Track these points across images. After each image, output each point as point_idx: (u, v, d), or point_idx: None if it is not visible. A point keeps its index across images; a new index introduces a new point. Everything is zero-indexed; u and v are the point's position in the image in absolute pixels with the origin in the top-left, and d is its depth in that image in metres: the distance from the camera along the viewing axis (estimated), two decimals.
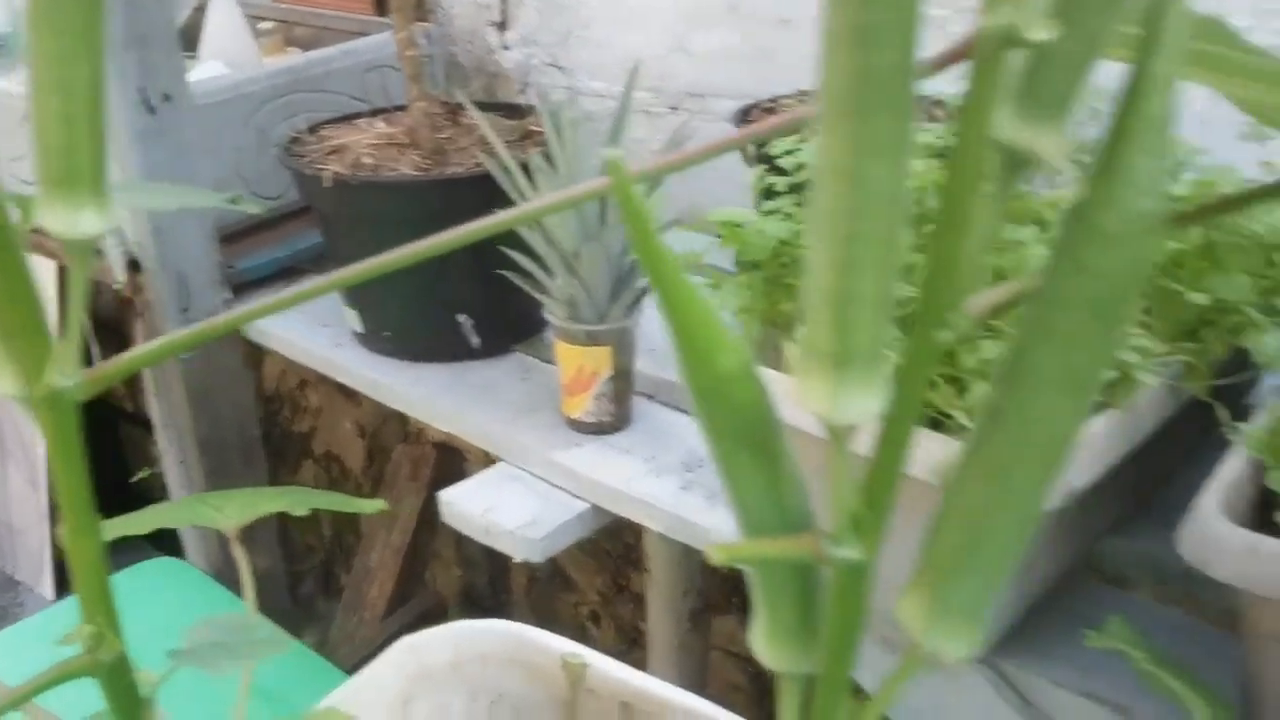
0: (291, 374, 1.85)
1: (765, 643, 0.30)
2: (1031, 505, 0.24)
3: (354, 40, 1.40)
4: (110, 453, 2.01)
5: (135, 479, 1.76)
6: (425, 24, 1.51)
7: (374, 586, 1.58)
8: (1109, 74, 0.23)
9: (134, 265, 1.16)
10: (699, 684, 1.04)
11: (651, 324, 0.86)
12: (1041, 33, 0.19)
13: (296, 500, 0.50)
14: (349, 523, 1.83)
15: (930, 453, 0.43)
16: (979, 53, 0.21)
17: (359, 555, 1.58)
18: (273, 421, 1.95)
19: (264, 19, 1.62)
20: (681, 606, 0.94)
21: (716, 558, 0.24)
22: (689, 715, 0.59)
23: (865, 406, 0.23)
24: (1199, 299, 0.53)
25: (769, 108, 1.05)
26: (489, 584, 1.73)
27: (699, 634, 0.98)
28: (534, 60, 1.50)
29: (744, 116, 1.02)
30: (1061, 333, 0.23)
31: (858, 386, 0.23)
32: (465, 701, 0.64)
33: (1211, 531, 0.44)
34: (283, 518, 1.91)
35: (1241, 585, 0.44)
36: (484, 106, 1.14)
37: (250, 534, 1.42)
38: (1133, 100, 0.22)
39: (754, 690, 1.43)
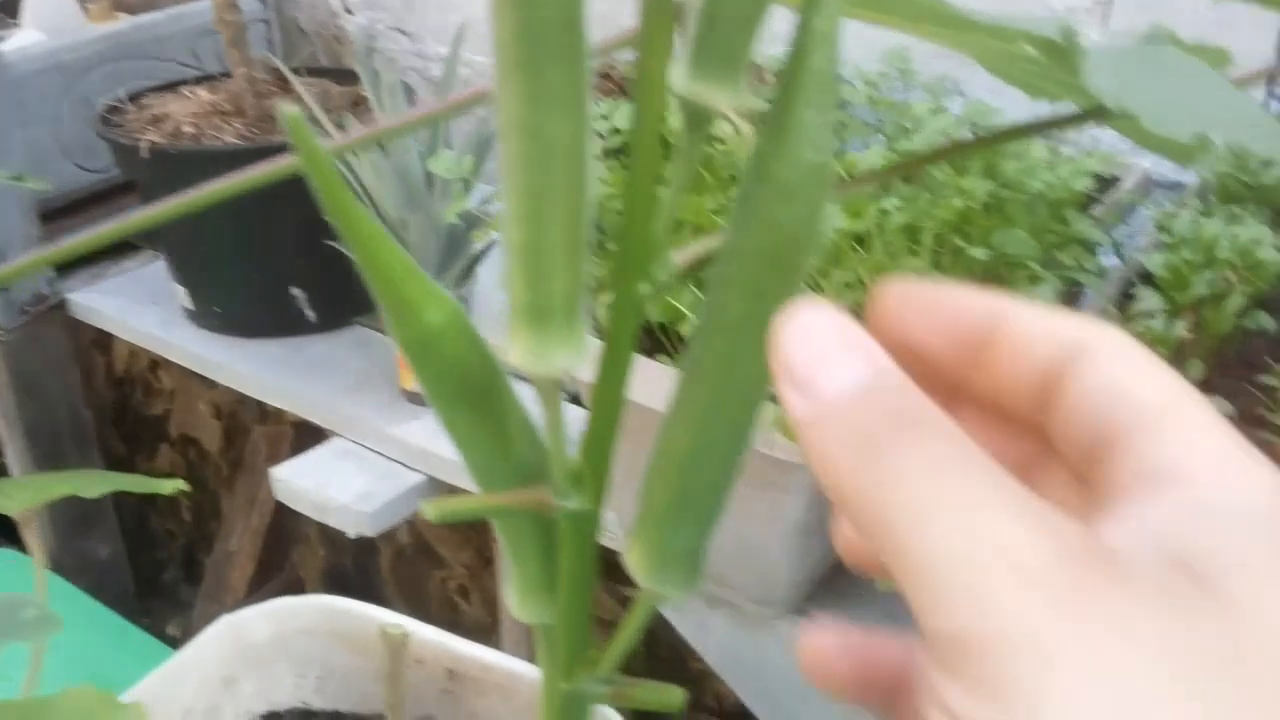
0: (142, 355, 1.78)
1: (515, 596, 0.30)
2: (733, 452, 0.25)
3: (185, 4, 1.35)
4: None
5: None
6: None
7: (234, 571, 1.55)
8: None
9: None
10: None
11: (485, 291, 0.86)
12: None
13: (86, 484, 0.49)
14: (210, 507, 1.78)
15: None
16: (645, 11, 0.22)
17: (219, 540, 1.54)
18: (125, 405, 1.88)
19: None
20: None
21: (429, 514, 0.25)
22: (510, 677, 0.59)
23: (566, 359, 0.24)
24: (979, 254, 0.55)
25: (606, 71, 1.05)
26: (354, 563, 1.71)
27: None
28: (378, 24, 1.47)
29: None
30: (746, 282, 0.24)
31: (557, 339, 0.24)
32: (293, 677, 0.64)
33: None
34: (142, 505, 1.85)
35: None
36: (317, 73, 1.11)
37: (89, 523, 1.37)
38: (797, 56, 0.22)
39: None
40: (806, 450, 0.20)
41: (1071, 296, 0.66)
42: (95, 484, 0.51)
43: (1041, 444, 0.23)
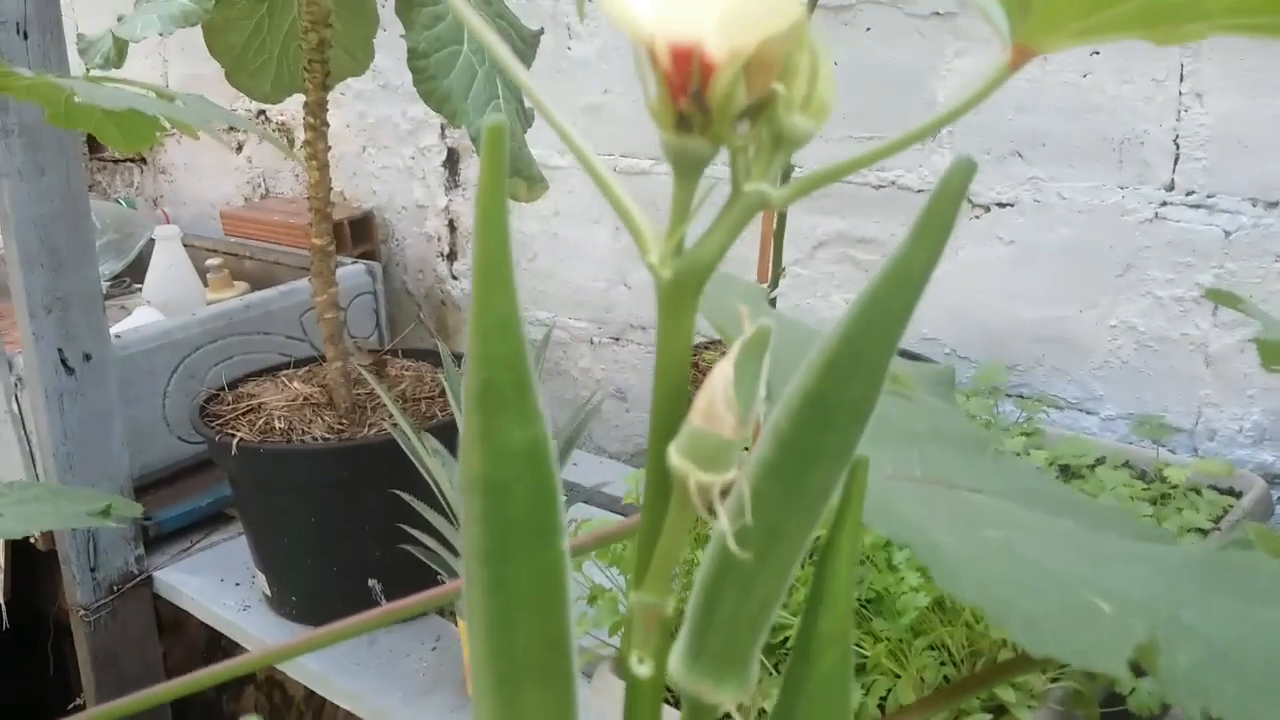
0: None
1: None
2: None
3: (294, 281, 1.42)
4: None
5: None
6: (371, 262, 1.53)
7: None
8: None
9: None
10: None
11: None
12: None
13: None
14: None
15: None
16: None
17: None
18: (215, 647, 1.87)
19: (214, 253, 1.64)
20: None
21: None
22: None
23: None
24: None
25: (707, 345, 1.06)
26: None
27: None
28: None
29: None
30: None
31: None
32: None
33: None
34: None
35: None
36: (414, 355, 1.14)
37: None
38: (803, 658, 0.20)
39: None
40: None
41: None
42: None
43: None
